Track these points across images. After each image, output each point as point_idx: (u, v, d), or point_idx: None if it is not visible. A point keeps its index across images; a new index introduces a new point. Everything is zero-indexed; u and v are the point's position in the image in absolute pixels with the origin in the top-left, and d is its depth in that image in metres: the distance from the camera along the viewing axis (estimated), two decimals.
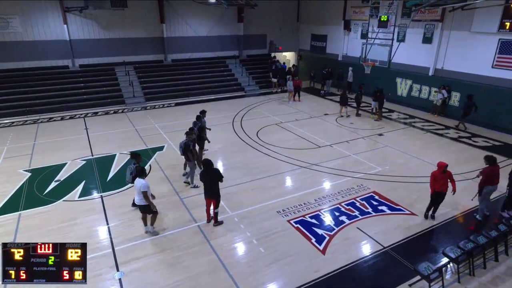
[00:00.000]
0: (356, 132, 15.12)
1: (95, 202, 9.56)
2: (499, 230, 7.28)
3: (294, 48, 28.15)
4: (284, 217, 8.78)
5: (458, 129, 15.38)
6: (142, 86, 21.02)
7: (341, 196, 9.80)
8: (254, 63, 25.60)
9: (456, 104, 16.79)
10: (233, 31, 24.93)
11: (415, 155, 12.62)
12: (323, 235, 8.07)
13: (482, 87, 15.59)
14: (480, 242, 6.95)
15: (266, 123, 16.27)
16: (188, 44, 23.62)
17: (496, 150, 12.89)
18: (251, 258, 7.39)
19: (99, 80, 20.45)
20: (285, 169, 11.52)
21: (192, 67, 23.30)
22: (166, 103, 20.05)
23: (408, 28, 18.64)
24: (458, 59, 16.77)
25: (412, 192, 10.05)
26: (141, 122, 16.54)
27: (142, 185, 7.49)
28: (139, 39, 22.01)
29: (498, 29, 14.74)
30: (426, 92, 18.18)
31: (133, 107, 19.19)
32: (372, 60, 17.55)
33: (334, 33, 24.09)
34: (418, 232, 8.22)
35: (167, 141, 13.94)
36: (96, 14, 20.36)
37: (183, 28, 23.19)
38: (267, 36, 26.33)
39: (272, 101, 20.66)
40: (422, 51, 18.29)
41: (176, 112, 18.38)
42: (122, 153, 12.70)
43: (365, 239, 7.96)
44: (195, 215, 8.89)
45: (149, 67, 22.40)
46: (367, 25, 20.05)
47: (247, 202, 9.42)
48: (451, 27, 16.80)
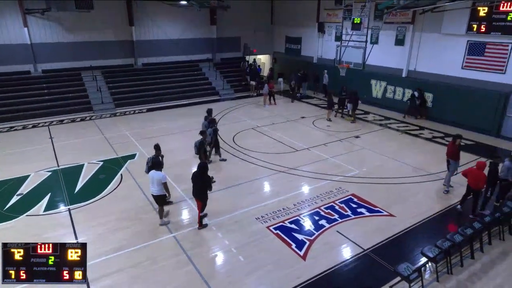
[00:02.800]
0: (333, 134, 15.40)
1: (62, 216, 9.20)
2: (474, 228, 7.60)
3: (269, 50, 28.42)
4: (263, 223, 8.78)
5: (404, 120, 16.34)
6: (111, 91, 20.55)
7: (320, 200, 9.93)
8: (228, 66, 25.62)
9: (429, 105, 17.44)
10: (206, 34, 24.87)
11: (392, 156, 12.99)
12: (303, 240, 8.14)
13: (453, 88, 16.30)
14: (456, 240, 7.23)
15: (242, 128, 16.28)
16: (159, 47, 23.34)
17: (470, 150, 13.49)
18: (230, 267, 7.33)
19: (64, 86, 19.81)
20: (263, 174, 11.55)
21: (164, 71, 23.03)
22: (137, 109, 19.68)
23: (381, 31, 19.27)
24: (429, 60, 17.48)
25: (390, 193, 10.33)
26: (111, 129, 16.15)
27: (162, 177, 8.21)
28: (107, 43, 21.53)
29: (466, 31, 15.50)
30: (400, 93, 18.80)
31: (101, 114, 18.71)
32: (347, 62, 17.99)
33: (308, 35, 24.54)
34: (397, 233, 8.44)
35: (139, 149, 13.66)
36: (60, 16, 19.76)
37: (153, 30, 22.89)
38: (241, 39, 26.43)
39: (248, 105, 20.71)
40: (395, 53, 18.94)
41: (148, 118, 18.08)
42: (91, 163, 12.32)
43: (345, 243, 8.09)
44: (170, 225, 8.74)
45: (118, 71, 21.94)
46: (341, 27, 20.54)
47: (225, 209, 9.36)
48: (422, 29, 17.51)
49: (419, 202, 9.83)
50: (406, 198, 10.04)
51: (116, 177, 11.31)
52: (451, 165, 10.28)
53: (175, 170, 11.52)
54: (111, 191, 10.43)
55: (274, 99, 20.64)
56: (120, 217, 9.09)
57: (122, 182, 10.99)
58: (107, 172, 11.66)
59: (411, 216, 9.13)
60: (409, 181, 10.95)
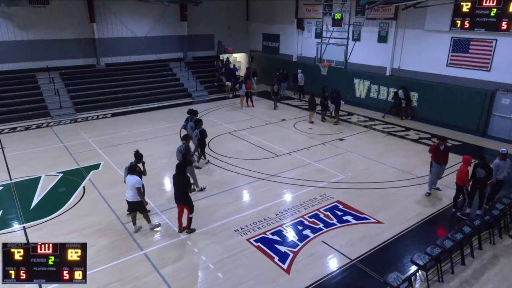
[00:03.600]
0: (316, 138, 15.59)
1: (16, 236, 8.85)
2: (464, 232, 7.85)
3: (245, 49, 28.55)
4: (242, 235, 8.75)
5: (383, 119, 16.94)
6: (71, 95, 20.06)
7: (303, 208, 10.00)
8: (201, 66, 25.54)
9: (415, 104, 17.98)
10: (176, 31, 24.73)
11: (377, 159, 13.28)
12: (286, 252, 8.16)
13: (438, 86, 16.89)
14: (446, 246, 7.44)
15: (218, 132, 16.22)
16: (125, 46, 23.00)
17: (458, 150, 13.96)
18: (208, 285, 7.25)
19: (17, 89, 19.21)
20: (241, 182, 11.54)
21: (130, 72, 22.72)
22: (101, 114, 19.29)
23: (363, 27, 19.76)
24: (413, 58, 18.05)
25: (376, 198, 10.54)
26: (71, 137, 15.74)
27: (136, 181, 8.39)
28: (65, 41, 21.02)
29: (450, 27, 16.13)
30: (384, 92, 19.29)
31: (60, 120, 18.21)
32: (328, 61, 18.30)
33: (287, 32, 24.83)
34: (385, 240, 8.61)
35: (104, 158, 13.36)
36: (11, 12, 19.15)
37: (117, 28, 22.55)
38: (215, 36, 26.44)
39: (223, 107, 20.69)
40: (378, 51, 19.45)
41: (113, 123, 17.75)
42: (49, 175, 11.94)
43: (331, 253, 8.17)
44: (140, 241, 8.57)
45: (78, 72, 21.47)
46: (321, 23, 20.93)
47: (200, 222, 9.27)
48: (405, 25, 18.09)
49: (407, 207, 10.08)
50: (393, 203, 10.27)
51: (78, 190, 11.03)
52: (433, 167, 10.59)
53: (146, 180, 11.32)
54: (72, 206, 10.15)
55: (251, 101, 20.72)
56: (83, 234, 8.84)
57: (85, 195, 10.72)
58: (67, 185, 11.36)
59: (399, 222, 9.35)
60: (396, 185, 11.22)
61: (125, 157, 13.28)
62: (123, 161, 12.92)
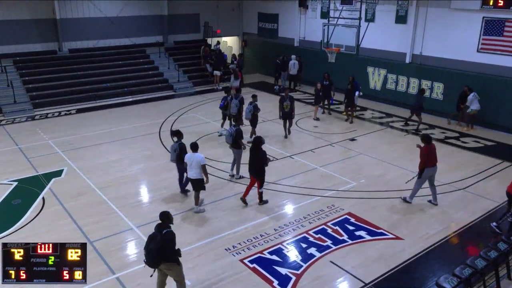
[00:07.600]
0: (322, 137, 15.62)
1: None
2: (499, 250, 7.87)
3: (237, 31, 28.58)
4: (235, 255, 8.74)
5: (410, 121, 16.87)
6: (27, 87, 20.02)
7: (308, 222, 10.00)
8: (184, 52, 25.54)
9: (440, 98, 18.06)
10: (154, 10, 24.72)
11: (396, 163, 13.31)
12: (287, 275, 8.15)
13: (468, 76, 16.95)
14: (478, 266, 7.44)
15: (204, 131, 16.22)
16: (92, 28, 22.98)
17: (490, 152, 14.05)
18: None
19: None
20: (233, 191, 11.53)
21: (99, 60, 22.73)
22: (64, 110, 19.23)
23: (378, 5, 19.81)
24: (438, 42, 18.14)
25: (395, 210, 10.57)
26: (28, 138, 15.68)
27: (202, 159, 9.70)
28: (20, 22, 20.95)
29: (481, 6, 16.21)
30: (404, 84, 19.36)
31: (14, 118, 18.15)
32: (337, 46, 18.35)
33: (287, 11, 24.88)
34: (405, 260, 8.61)
35: (67, 163, 13.30)
36: None
37: (83, 6, 22.50)
38: (201, 16, 26.46)
39: (211, 101, 20.66)
40: (396, 33, 19.53)
41: (78, 121, 17.71)
42: (1, 184, 11.87)
43: (342, 276, 8.17)
44: (112, 263, 8.51)
45: (36, 60, 21.46)
46: (328, 1, 21.00)
47: (186, 239, 9.23)
48: (428, 3, 18.17)
49: (431, 220, 10.11)
50: (415, 216, 10.30)
51: (37, 201, 10.95)
52: (425, 172, 10.39)
53: (118, 190, 11.32)
54: (29, 221, 10.06)
55: None
56: None
57: (45, 208, 10.65)
58: (23, 196, 11.29)
59: (422, 238, 9.36)
60: (418, 194, 11.24)
61: (92, 162, 13.31)
62: (90, 167, 12.97)
